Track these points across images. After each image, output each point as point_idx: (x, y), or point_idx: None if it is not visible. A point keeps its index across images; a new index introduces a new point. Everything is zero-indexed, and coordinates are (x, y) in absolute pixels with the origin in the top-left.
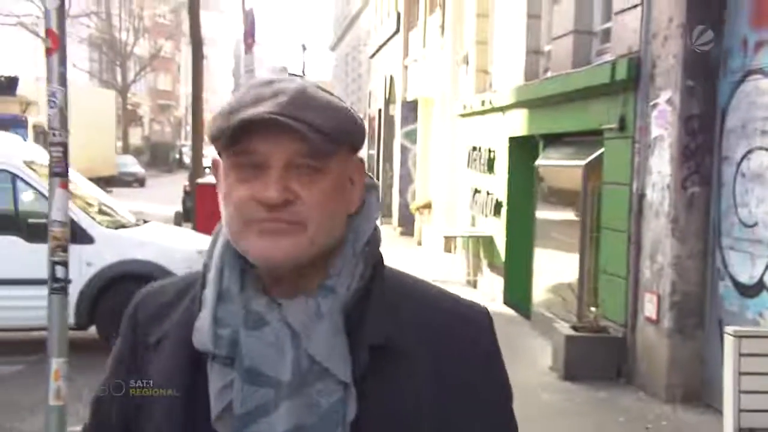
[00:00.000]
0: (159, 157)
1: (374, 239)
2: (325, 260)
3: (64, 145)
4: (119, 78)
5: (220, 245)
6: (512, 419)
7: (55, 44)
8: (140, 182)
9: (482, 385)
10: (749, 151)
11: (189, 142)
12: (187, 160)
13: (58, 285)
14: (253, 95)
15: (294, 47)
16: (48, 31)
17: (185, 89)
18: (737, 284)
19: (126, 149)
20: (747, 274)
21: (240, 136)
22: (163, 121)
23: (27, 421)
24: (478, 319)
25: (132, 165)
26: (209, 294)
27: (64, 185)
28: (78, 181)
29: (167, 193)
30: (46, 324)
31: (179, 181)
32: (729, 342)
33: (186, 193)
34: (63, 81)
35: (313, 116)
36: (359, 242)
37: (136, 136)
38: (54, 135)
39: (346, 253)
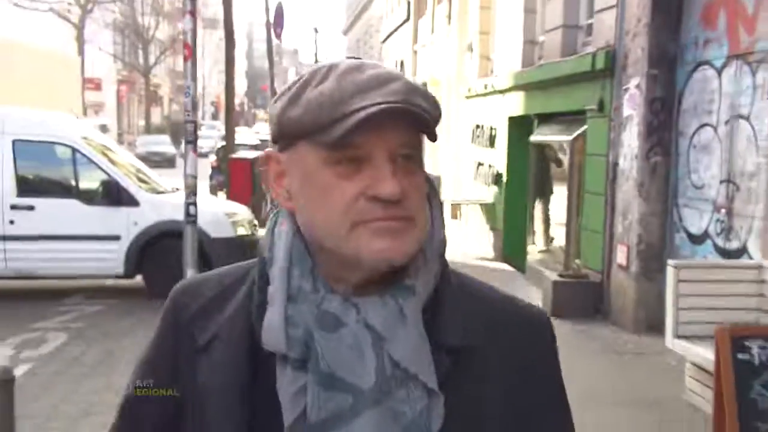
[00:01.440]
0: (179, 134)
1: (444, 239)
2: None
3: (195, 123)
4: (141, 61)
5: (285, 240)
6: (570, 412)
7: (189, 53)
8: (170, 162)
9: (546, 385)
10: (699, 127)
11: (207, 121)
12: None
13: (191, 219)
14: (354, 83)
15: (306, 30)
16: (185, 45)
17: (201, 70)
18: (689, 235)
19: (148, 129)
20: (696, 227)
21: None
22: (181, 101)
23: (121, 342)
24: (542, 322)
25: (162, 144)
26: (277, 292)
27: (194, 151)
28: (121, 153)
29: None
30: (102, 273)
31: (203, 159)
32: (670, 271)
33: (213, 168)
34: (194, 77)
35: (425, 103)
36: (434, 241)
37: (156, 116)
38: (188, 115)
39: (425, 252)
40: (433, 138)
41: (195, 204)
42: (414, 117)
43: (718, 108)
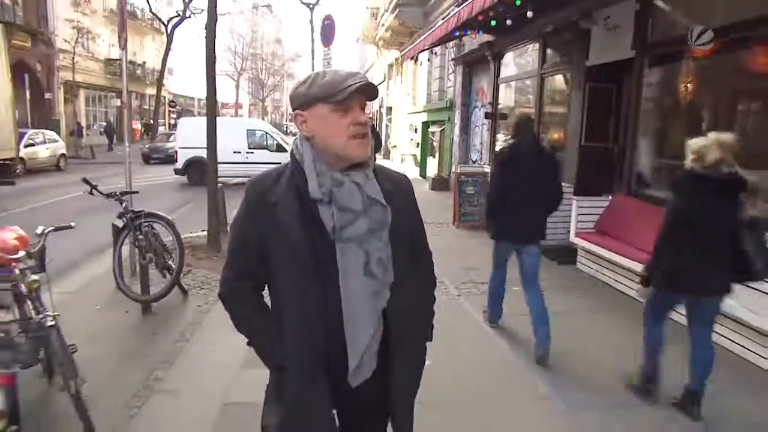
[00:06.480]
0: (279, 127)
1: (374, 147)
2: None
3: None
4: (260, 95)
5: (307, 151)
6: (420, 215)
7: None
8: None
9: (413, 203)
10: (474, 127)
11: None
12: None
13: None
14: (342, 77)
15: None
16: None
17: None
18: (472, 161)
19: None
20: (474, 158)
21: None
22: (276, 113)
23: None
24: (407, 179)
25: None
26: (309, 172)
27: None
28: (277, 132)
29: None
30: None
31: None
32: (458, 168)
33: None
34: None
35: (375, 85)
36: (372, 150)
37: (266, 121)
38: None
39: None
40: (366, 103)
41: None
42: (372, 90)
43: (478, 121)
